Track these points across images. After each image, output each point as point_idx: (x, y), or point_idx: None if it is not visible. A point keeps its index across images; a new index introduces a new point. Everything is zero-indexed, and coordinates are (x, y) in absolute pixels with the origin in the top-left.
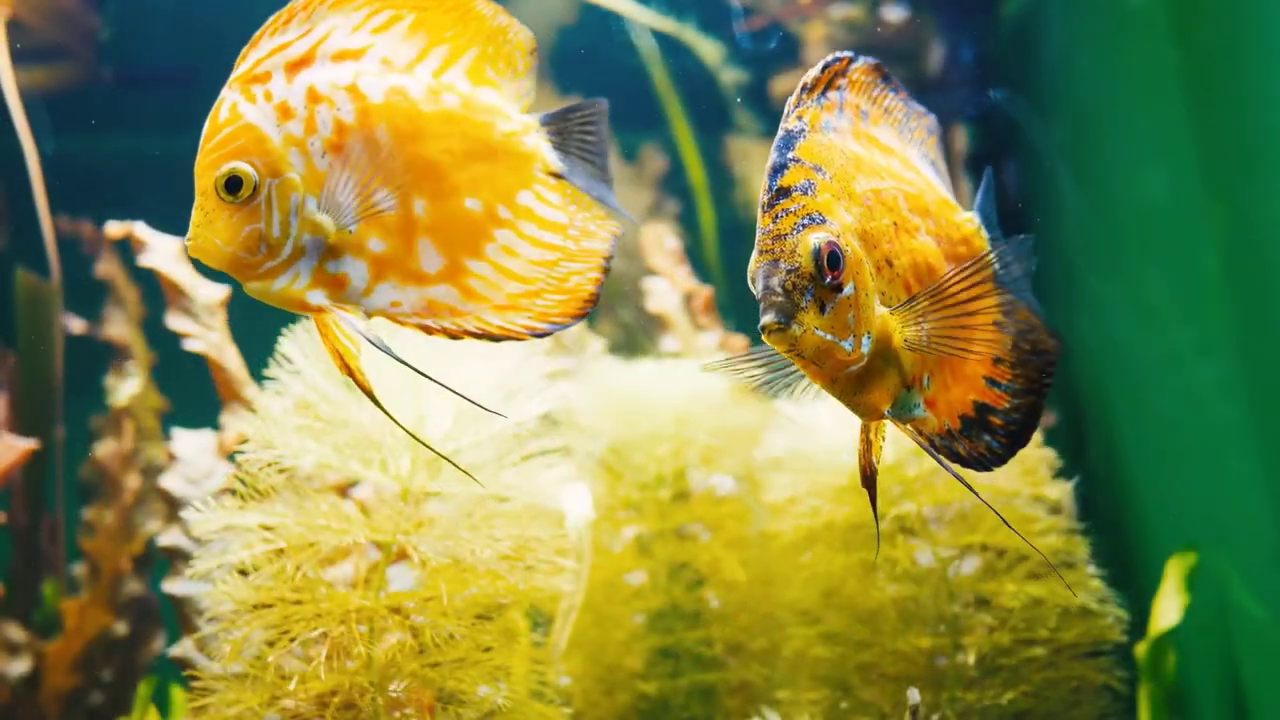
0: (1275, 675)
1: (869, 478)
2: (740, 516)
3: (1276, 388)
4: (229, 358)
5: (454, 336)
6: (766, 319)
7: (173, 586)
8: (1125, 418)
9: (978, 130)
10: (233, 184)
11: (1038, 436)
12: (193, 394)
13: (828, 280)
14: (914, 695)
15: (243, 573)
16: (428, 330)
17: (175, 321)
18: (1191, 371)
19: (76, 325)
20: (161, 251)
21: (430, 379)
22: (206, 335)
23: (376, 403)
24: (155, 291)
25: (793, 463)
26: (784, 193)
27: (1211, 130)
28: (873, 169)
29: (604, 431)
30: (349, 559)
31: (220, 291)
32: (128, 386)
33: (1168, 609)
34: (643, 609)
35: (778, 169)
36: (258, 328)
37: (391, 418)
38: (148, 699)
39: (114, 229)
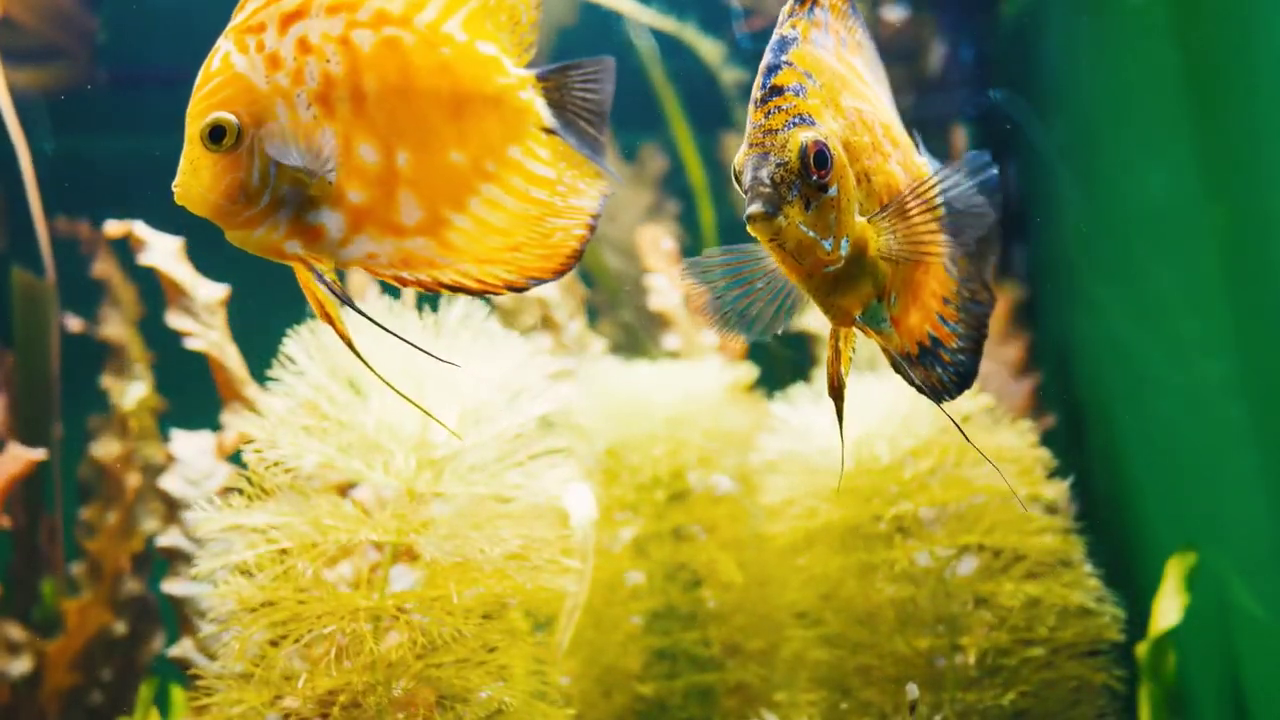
0: (1275, 675)
1: (836, 389)
2: (736, 517)
3: (1277, 387)
4: (229, 356)
5: (428, 289)
6: (753, 208)
7: (173, 587)
8: (1125, 417)
9: (978, 130)
10: (216, 133)
11: (1034, 437)
12: (189, 394)
13: (814, 179)
14: (913, 690)
15: (246, 573)
16: (402, 282)
17: (176, 320)
18: (1192, 371)
19: (74, 324)
20: (161, 250)
21: (416, 346)
22: (207, 334)
23: (356, 352)
24: (152, 291)
25: (788, 465)
26: (777, 90)
27: (1211, 130)
28: (855, 90)
29: (599, 433)
30: (348, 559)
31: (220, 290)
32: (135, 390)
33: (1168, 609)
34: (639, 610)
35: (772, 68)
36: (258, 327)
37: (379, 375)
38: (150, 701)
39: (113, 228)
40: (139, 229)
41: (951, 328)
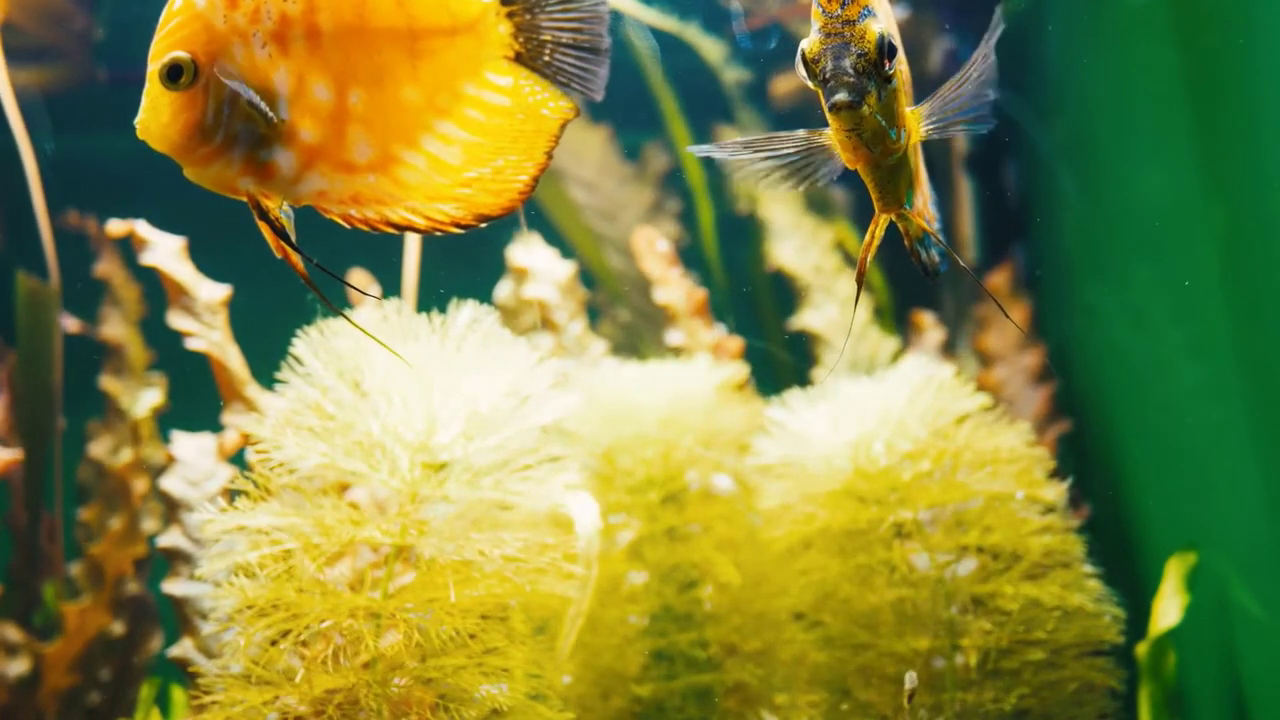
0: (1275, 675)
1: (862, 272)
2: (731, 518)
3: (1276, 388)
4: (231, 357)
5: (374, 227)
6: (839, 96)
7: (173, 587)
8: (1126, 417)
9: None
10: (173, 72)
11: (1031, 437)
12: (187, 393)
13: (886, 69)
14: (911, 679)
15: (249, 574)
16: (350, 220)
17: (177, 320)
18: (1191, 372)
19: (72, 325)
20: (163, 250)
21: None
22: (209, 334)
23: (315, 290)
24: (152, 291)
25: (785, 470)
26: None
27: (1212, 131)
28: None
29: (591, 436)
30: (344, 559)
31: (223, 290)
32: (148, 398)
33: (1168, 609)
34: (635, 611)
35: None
36: (260, 327)
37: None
38: (151, 701)
39: (116, 227)
40: (141, 228)
41: (928, 218)
